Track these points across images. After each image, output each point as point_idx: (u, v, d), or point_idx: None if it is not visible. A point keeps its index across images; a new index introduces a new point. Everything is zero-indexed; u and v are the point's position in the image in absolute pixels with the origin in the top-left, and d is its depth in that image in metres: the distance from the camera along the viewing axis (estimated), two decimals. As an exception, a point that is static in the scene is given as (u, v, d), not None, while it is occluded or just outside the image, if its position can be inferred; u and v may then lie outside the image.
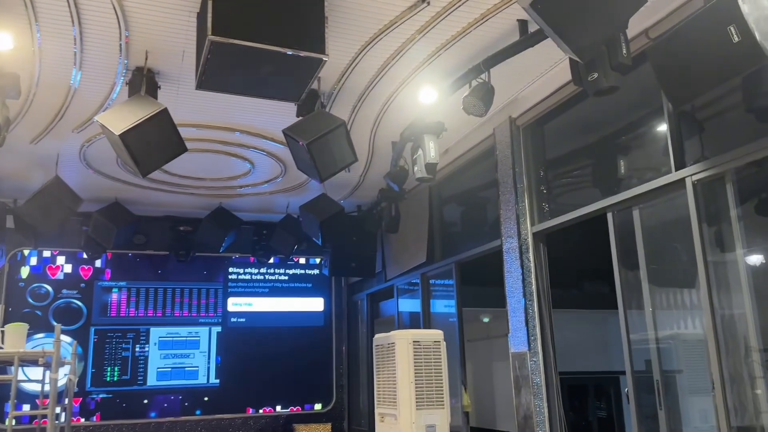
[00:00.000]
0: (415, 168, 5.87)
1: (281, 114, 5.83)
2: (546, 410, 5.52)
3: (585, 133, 5.85)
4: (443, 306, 8.35)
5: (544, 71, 5.60)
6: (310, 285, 10.88)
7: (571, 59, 3.90)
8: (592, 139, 5.79)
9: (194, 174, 8.14)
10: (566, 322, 7.36)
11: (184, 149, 5.15)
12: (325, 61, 4.26)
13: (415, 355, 5.47)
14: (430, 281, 8.42)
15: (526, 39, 4.62)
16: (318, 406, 10.45)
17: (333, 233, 7.78)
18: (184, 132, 5.24)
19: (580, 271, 9.27)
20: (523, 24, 4.75)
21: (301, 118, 5.29)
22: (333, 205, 7.76)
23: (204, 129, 6.69)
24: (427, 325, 8.15)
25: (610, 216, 5.09)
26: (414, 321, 8.76)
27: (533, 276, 5.83)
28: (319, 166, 4.96)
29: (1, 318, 8.63)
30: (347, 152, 5.17)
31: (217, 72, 4.35)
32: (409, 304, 9.15)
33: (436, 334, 5.70)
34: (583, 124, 5.85)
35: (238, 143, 7.17)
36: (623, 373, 4.91)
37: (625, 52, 3.71)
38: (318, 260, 10.86)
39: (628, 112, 5.17)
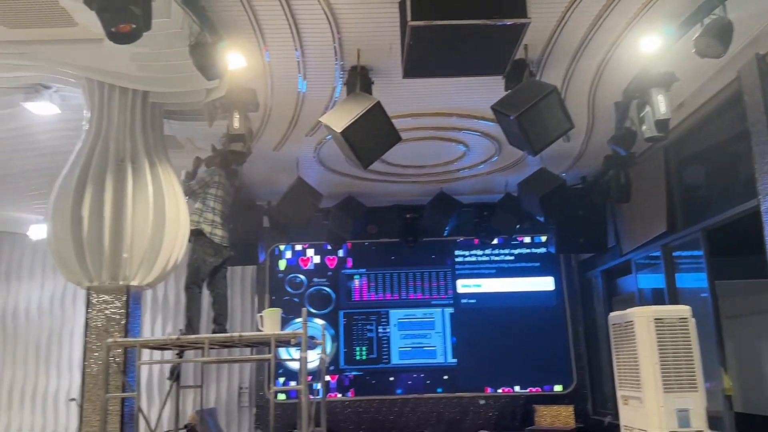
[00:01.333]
0: (644, 127, 5.34)
1: (490, 90, 5.71)
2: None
3: None
4: (692, 280, 7.46)
5: (800, -8, 4.66)
6: (537, 264, 10.58)
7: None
8: None
9: (415, 162, 8.42)
10: None
11: (399, 138, 5.34)
12: (528, 24, 4.06)
13: (658, 334, 4.98)
14: (674, 253, 7.59)
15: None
16: (558, 388, 10.14)
17: (556, 208, 7.44)
18: (400, 122, 5.44)
19: None
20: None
21: (509, 91, 5.13)
22: (553, 179, 7.43)
23: (419, 117, 6.87)
24: (673, 302, 7.37)
25: None
26: (657, 297, 7.99)
27: (803, 238, 4.91)
28: (531, 139, 4.77)
29: (267, 305, 9.98)
30: (561, 120, 4.88)
31: (421, 57, 4.41)
32: (650, 280, 8.37)
33: (682, 310, 5.11)
34: None
35: (451, 127, 7.23)
36: None
37: None
38: (543, 238, 10.50)
39: None
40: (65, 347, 10.30)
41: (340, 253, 10.68)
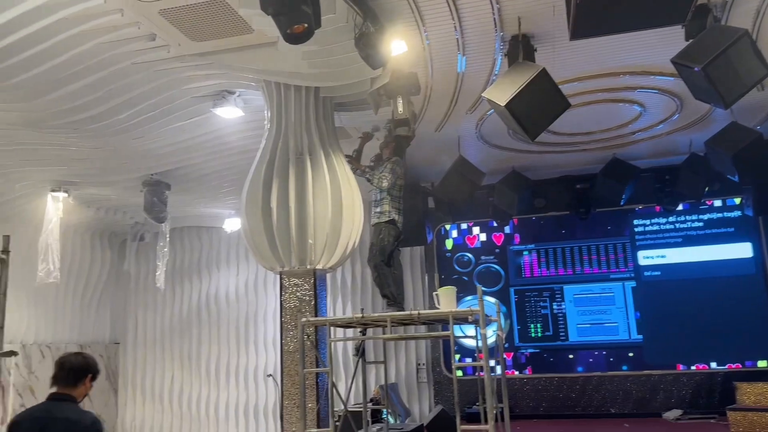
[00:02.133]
0: None
1: (667, 42, 5.27)
2: None
3: None
4: None
5: None
6: (731, 230, 9.58)
7: None
8: None
9: (583, 129, 8.02)
10: None
11: (567, 105, 5.11)
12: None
13: None
14: None
15: None
16: (762, 363, 9.15)
17: (752, 166, 6.67)
18: (567, 88, 5.22)
19: None
20: None
21: (691, 41, 4.67)
22: (747, 133, 6.66)
23: (586, 80, 6.53)
24: None
25: None
26: None
27: None
28: (721, 90, 4.31)
29: (437, 284, 10.17)
30: (756, 66, 4.35)
31: (590, 15, 4.17)
32: None
33: None
34: None
35: (624, 87, 6.77)
36: None
37: None
38: (738, 200, 9.47)
39: None
40: (260, 327, 11.35)
41: (507, 229, 10.53)
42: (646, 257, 9.90)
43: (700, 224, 9.74)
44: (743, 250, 9.48)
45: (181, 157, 7.97)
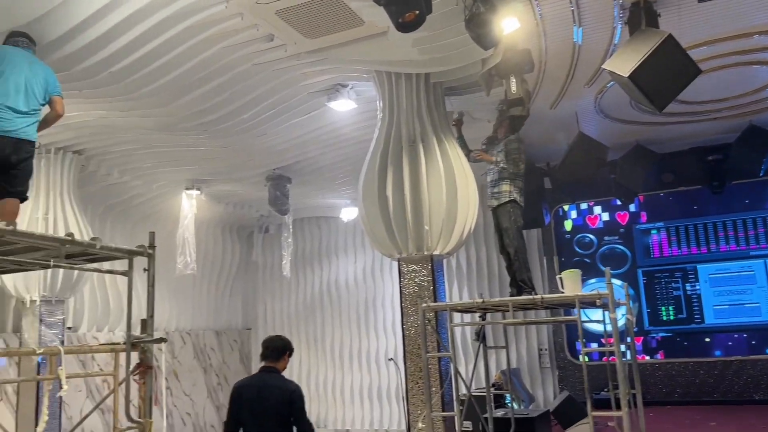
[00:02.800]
0: None
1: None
2: None
3: None
4: None
5: None
6: None
7: None
8: None
9: (715, 96, 7.43)
10: None
11: (698, 71, 4.76)
12: None
13: None
14: None
15: None
16: None
17: None
18: (694, 54, 4.85)
19: None
20: None
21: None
22: None
23: (716, 44, 6.03)
24: None
25: None
26: None
27: None
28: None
29: (557, 268, 9.87)
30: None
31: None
32: None
33: None
34: None
35: (757, 48, 6.18)
36: None
37: None
38: None
39: None
40: (379, 312, 11.61)
41: (632, 207, 9.98)
42: (794, 232, 9.03)
43: None
44: None
45: (299, 151, 8.29)
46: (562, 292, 5.04)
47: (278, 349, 4.34)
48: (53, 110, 4.48)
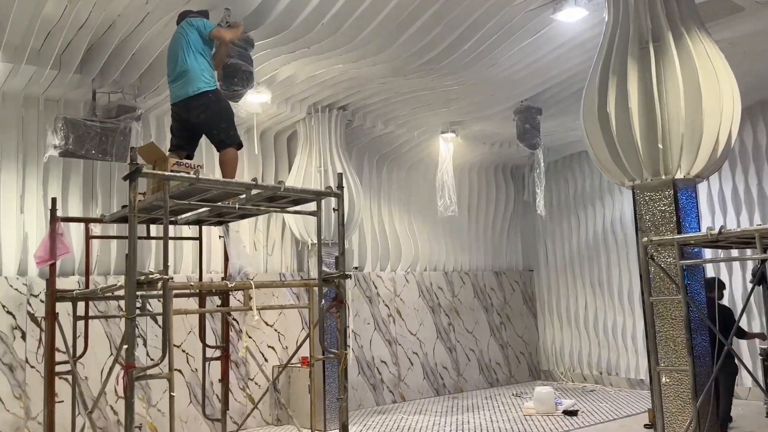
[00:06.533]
0: None
1: None
2: None
3: None
4: None
5: None
6: None
7: None
8: None
9: None
10: None
11: None
12: None
13: None
14: None
15: None
16: None
17: None
18: None
19: None
20: None
21: None
22: None
23: None
24: None
25: None
26: None
27: None
28: None
29: None
30: None
31: None
32: None
33: None
34: None
35: None
36: None
37: None
38: None
39: None
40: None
41: None
42: None
43: None
44: None
45: (542, 78, 7.63)
46: None
47: None
48: (219, 40, 4.95)
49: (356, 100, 8.34)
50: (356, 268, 9.94)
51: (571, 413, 8.50)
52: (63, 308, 5.60)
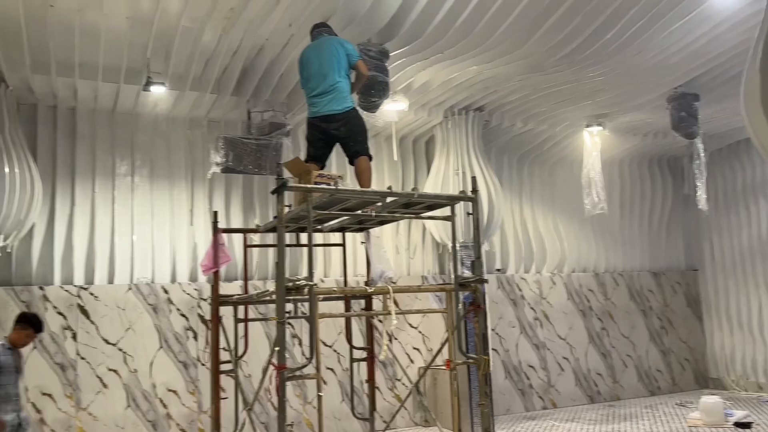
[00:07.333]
0: None
1: None
2: None
3: None
4: None
5: None
6: None
7: None
8: None
9: None
10: None
11: None
12: None
13: None
14: None
15: None
16: None
17: None
18: None
19: None
20: None
21: None
22: None
23: None
24: None
25: None
26: None
27: None
28: None
29: None
30: None
31: None
32: None
33: None
34: None
35: None
36: None
37: None
38: None
39: None
40: None
41: None
42: None
43: None
44: None
45: (698, 61, 7.00)
46: None
47: None
48: (359, 72, 5.10)
49: (493, 100, 8.24)
50: (499, 269, 9.79)
51: (743, 425, 7.70)
52: (227, 311, 6.13)
